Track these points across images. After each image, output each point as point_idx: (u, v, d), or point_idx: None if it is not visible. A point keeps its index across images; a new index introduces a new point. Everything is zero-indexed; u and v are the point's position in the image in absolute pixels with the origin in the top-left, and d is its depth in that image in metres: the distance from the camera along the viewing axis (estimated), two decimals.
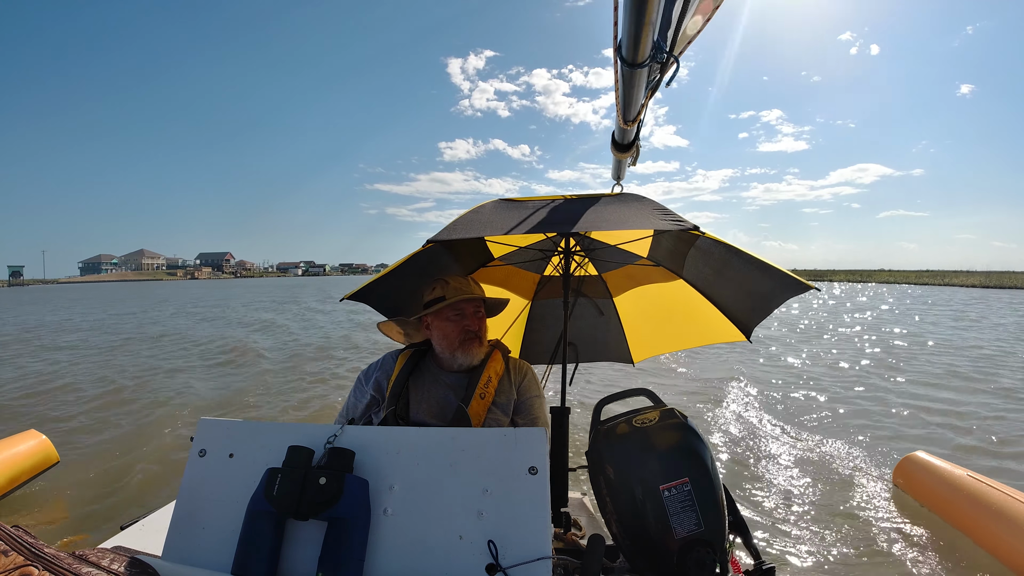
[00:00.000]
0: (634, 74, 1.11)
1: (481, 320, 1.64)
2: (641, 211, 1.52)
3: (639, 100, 1.28)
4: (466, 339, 1.59)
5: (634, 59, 1.04)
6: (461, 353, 1.60)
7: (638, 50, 1.01)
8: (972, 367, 8.27)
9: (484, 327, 1.66)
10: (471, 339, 1.60)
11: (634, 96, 1.24)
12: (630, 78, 1.14)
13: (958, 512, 2.95)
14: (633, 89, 1.20)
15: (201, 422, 1.12)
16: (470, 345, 1.59)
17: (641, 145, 1.83)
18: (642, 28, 0.95)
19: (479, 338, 1.62)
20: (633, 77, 1.13)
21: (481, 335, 1.63)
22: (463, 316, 1.60)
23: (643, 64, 1.06)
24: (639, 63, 1.05)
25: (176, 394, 6.67)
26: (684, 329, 2.54)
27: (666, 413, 1.31)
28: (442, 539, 0.93)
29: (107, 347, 11.24)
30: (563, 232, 1.94)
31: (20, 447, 3.60)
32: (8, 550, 0.72)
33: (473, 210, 1.62)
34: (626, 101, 1.28)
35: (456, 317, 1.60)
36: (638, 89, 1.21)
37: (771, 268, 1.59)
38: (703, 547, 1.13)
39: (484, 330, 1.65)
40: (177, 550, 0.99)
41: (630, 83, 1.17)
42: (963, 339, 11.61)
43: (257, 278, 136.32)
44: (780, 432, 5.00)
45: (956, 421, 5.38)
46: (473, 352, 1.60)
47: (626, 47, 1.02)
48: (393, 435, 1.06)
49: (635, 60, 1.04)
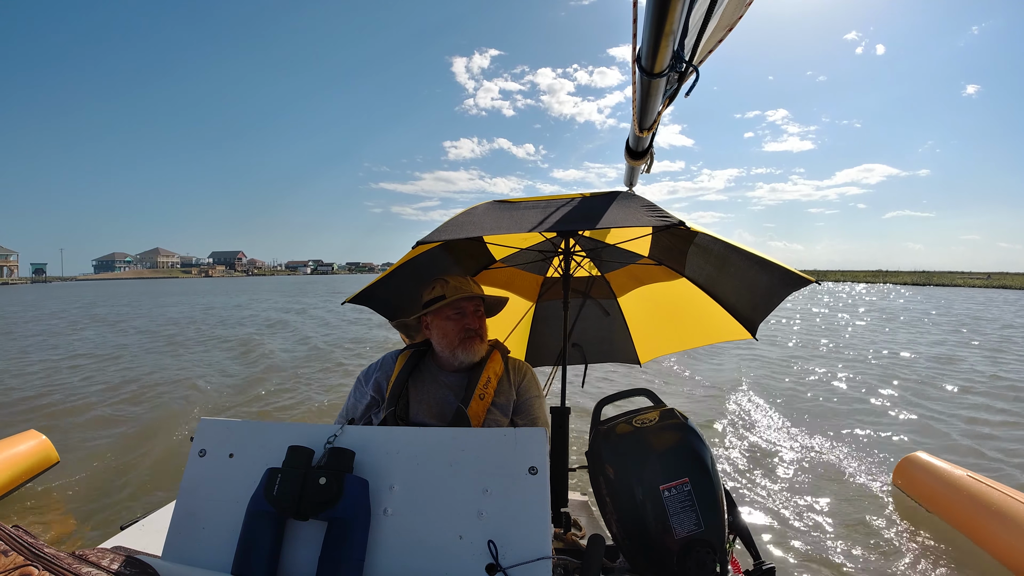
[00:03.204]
0: (652, 83, 1.11)
1: (481, 319, 1.65)
2: (629, 208, 1.52)
3: (656, 109, 1.28)
4: (466, 337, 1.59)
5: (652, 68, 1.03)
6: (462, 351, 1.60)
7: (657, 59, 1.00)
8: (973, 366, 8.27)
9: (484, 326, 1.66)
10: (471, 337, 1.60)
11: (651, 105, 1.24)
12: (648, 87, 1.13)
13: (958, 512, 2.95)
14: (651, 98, 1.19)
15: (201, 422, 1.12)
16: (471, 343, 1.60)
17: (654, 152, 1.83)
18: (662, 37, 0.94)
19: (479, 336, 1.62)
20: (651, 86, 1.13)
21: (481, 333, 1.63)
22: (463, 314, 1.60)
23: (662, 74, 1.05)
24: (658, 72, 1.04)
25: (177, 394, 6.67)
26: (690, 328, 2.54)
27: (666, 413, 1.31)
28: (442, 539, 0.93)
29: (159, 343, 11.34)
30: (557, 231, 1.95)
31: (20, 447, 3.60)
32: (8, 550, 0.72)
33: (465, 212, 1.63)
34: (643, 110, 1.27)
35: (456, 316, 1.60)
36: (655, 98, 1.20)
37: (769, 263, 1.59)
38: (703, 547, 1.13)
39: (484, 328, 1.66)
40: (177, 550, 0.99)
41: (648, 92, 1.16)
42: (963, 338, 11.61)
43: (268, 276, 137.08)
44: (780, 432, 5.00)
45: (956, 421, 5.38)
46: (474, 350, 1.61)
47: (645, 56, 1.01)
48: (393, 435, 1.06)
49: (654, 69, 1.04)
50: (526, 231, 1.45)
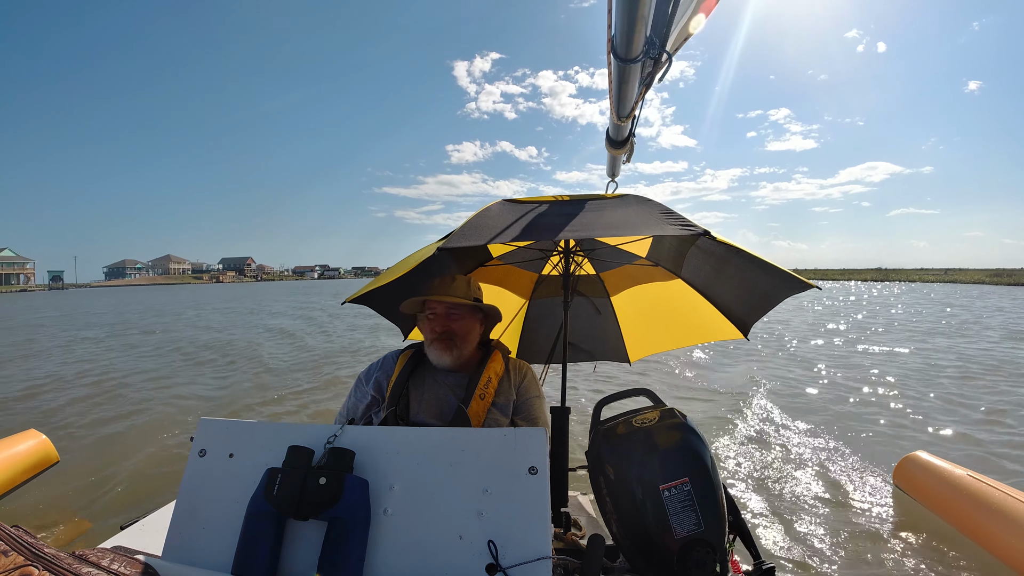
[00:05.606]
0: (627, 69, 1.11)
1: (454, 322, 1.60)
2: (648, 215, 1.48)
3: (633, 96, 1.28)
4: (435, 339, 1.58)
5: (627, 54, 1.04)
6: (431, 352, 1.60)
7: (631, 45, 1.02)
8: (973, 367, 8.26)
9: (459, 330, 1.60)
10: (439, 339, 1.58)
11: (628, 92, 1.24)
12: (623, 73, 1.14)
13: (958, 512, 2.95)
14: (626, 84, 1.20)
15: (201, 422, 1.12)
16: (437, 345, 1.58)
17: (635, 141, 1.82)
18: (635, 23, 0.95)
19: (450, 340, 1.58)
20: (626, 72, 1.13)
21: (455, 338, 1.59)
22: (435, 316, 1.60)
23: (636, 60, 1.06)
24: (632, 58, 1.05)
25: (177, 394, 6.67)
26: (681, 328, 2.54)
27: (666, 413, 1.31)
28: (442, 539, 0.93)
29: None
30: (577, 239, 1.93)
31: (20, 447, 3.60)
32: (8, 550, 0.72)
33: (479, 214, 1.59)
34: (620, 96, 1.27)
35: (430, 316, 1.61)
36: (631, 85, 1.20)
37: (772, 267, 1.58)
38: (703, 547, 1.13)
39: (459, 333, 1.60)
40: (177, 550, 0.99)
41: (623, 78, 1.17)
42: (963, 338, 11.61)
43: (277, 281, 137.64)
44: (780, 432, 5.00)
45: (957, 421, 5.38)
46: (438, 353, 1.58)
47: (619, 42, 1.02)
48: (393, 435, 1.06)
49: (628, 55, 1.05)
50: (549, 239, 1.43)
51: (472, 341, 1.65)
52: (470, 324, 1.64)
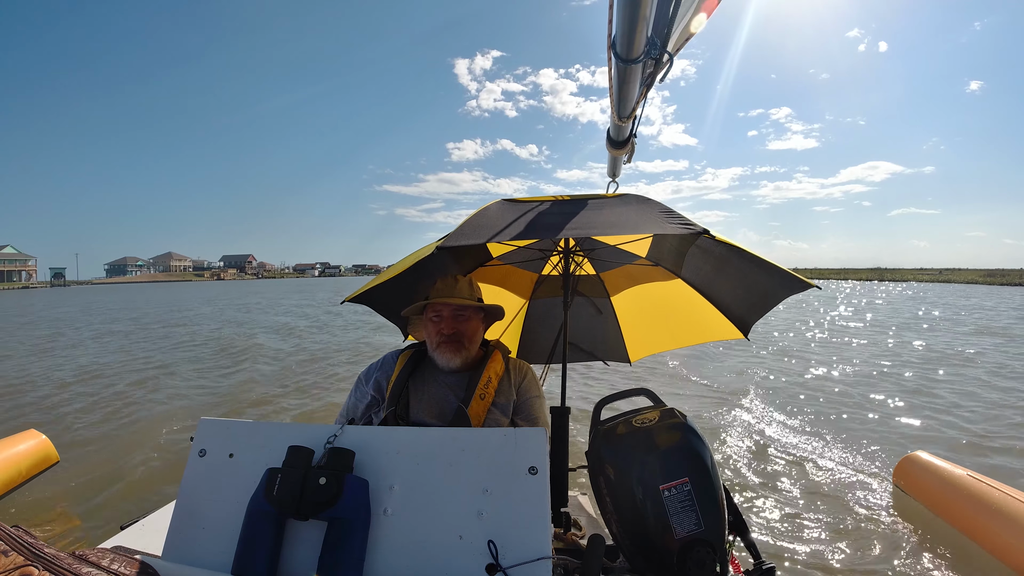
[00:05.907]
0: (628, 70, 1.11)
1: (461, 324, 1.60)
2: (648, 214, 1.49)
3: (634, 96, 1.27)
4: (441, 341, 1.59)
5: (628, 55, 1.04)
6: (438, 355, 1.60)
7: (632, 46, 1.01)
8: (973, 366, 8.26)
9: (468, 331, 1.61)
10: (446, 342, 1.58)
11: (629, 92, 1.24)
12: (624, 73, 1.14)
13: (958, 512, 2.95)
14: (627, 85, 1.19)
15: (201, 422, 1.12)
16: (445, 348, 1.58)
17: (636, 142, 1.82)
18: (636, 23, 0.95)
19: (459, 342, 1.59)
20: (627, 73, 1.13)
21: (463, 339, 1.60)
22: (440, 319, 1.60)
23: (637, 60, 1.05)
24: (633, 59, 1.05)
25: (177, 394, 6.67)
26: (681, 327, 2.54)
27: (666, 413, 1.31)
28: (442, 539, 0.93)
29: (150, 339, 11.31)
30: (577, 238, 1.92)
31: (20, 447, 3.60)
32: (8, 550, 0.72)
33: (479, 213, 1.59)
34: (621, 97, 1.27)
35: (435, 319, 1.60)
36: (632, 85, 1.20)
37: (772, 266, 1.58)
38: (703, 547, 1.13)
39: (467, 334, 1.61)
40: (177, 550, 0.99)
41: (624, 79, 1.16)
42: (964, 337, 11.61)
43: (278, 279, 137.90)
44: (780, 432, 5.00)
45: (957, 421, 5.37)
46: (447, 356, 1.58)
47: (620, 42, 1.02)
48: (393, 435, 1.06)
49: (629, 56, 1.04)
50: (548, 237, 1.43)
51: (477, 342, 1.66)
52: (476, 325, 1.65)
